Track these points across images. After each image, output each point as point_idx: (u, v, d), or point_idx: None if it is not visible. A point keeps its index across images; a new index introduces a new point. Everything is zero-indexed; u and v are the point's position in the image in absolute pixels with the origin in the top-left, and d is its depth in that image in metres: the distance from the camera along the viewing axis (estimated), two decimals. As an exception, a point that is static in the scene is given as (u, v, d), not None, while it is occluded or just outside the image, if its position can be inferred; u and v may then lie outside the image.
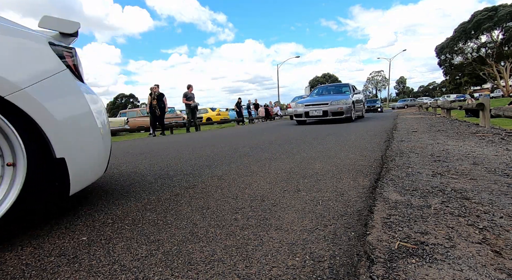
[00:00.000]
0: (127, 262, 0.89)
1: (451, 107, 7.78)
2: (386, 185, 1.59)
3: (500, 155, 2.25)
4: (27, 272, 0.86)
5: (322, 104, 7.97)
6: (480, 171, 1.79)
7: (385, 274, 0.77)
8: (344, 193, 1.48)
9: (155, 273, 0.83)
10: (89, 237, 1.09)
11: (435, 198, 1.34)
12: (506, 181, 1.53)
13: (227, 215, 1.25)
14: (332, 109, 7.68)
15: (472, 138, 3.27)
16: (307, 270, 0.80)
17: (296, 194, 1.50)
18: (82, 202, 1.57)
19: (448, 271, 0.77)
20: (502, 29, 29.19)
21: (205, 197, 1.54)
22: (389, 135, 4.01)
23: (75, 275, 0.84)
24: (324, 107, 7.84)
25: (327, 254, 0.88)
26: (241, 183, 1.80)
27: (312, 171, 2.02)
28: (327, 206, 1.29)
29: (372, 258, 0.85)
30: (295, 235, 1.02)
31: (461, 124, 5.33)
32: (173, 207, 1.40)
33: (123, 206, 1.45)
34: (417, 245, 0.91)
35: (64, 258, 0.94)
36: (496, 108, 4.21)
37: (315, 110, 7.94)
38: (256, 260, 0.87)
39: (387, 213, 1.19)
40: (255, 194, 1.54)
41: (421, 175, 1.76)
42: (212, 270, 0.83)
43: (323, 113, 7.79)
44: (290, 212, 1.25)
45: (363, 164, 2.15)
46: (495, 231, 0.98)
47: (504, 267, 0.77)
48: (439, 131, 4.21)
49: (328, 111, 7.71)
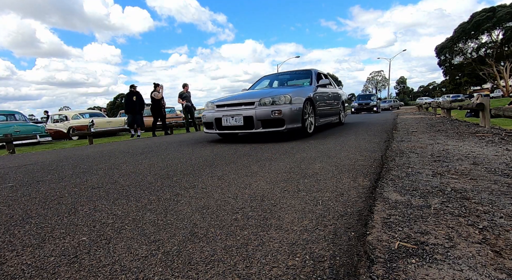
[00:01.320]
0: (127, 262, 0.89)
1: (451, 107, 7.78)
2: (386, 185, 1.59)
3: (500, 155, 2.25)
4: (27, 272, 0.86)
5: (244, 104, 4.20)
6: (480, 171, 1.79)
7: (385, 274, 0.77)
8: (344, 193, 1.48)
9: (155, 273, 0.83)
10: (89, 237, 1.09)
11: (435, 198, 1.34)
12: (506, 181, 1.53)
13: (227, 215, 1.25)
14: (262, 115, 3.96)
15: (472, 139, 3.27)
16: (307, 270, 0.80)
17: (296, 194, 1.50)
18: (82, 201, 1.57)
19: (448, 271, 0.77)
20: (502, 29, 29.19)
21: (205, 197, 1.54)
22: (389, 136, 4.01)
23: (75, 275, 0.84)
24: (247, 111, 4.06)
25: (327, 254, 0.88)
26: (241, 183, 1.80)
27: (312, 171, 2.02)
28: (327, 206, 1.29)
29: (372, 258, 0.85)
30: (295, 235, 1.02)
31: (461, 124, 5.33)
32: (173, 207, 1.40)
33: (123, 206, 1.45)
34: (417, 245, 0.91)
35: (64, 258, 0.94)
36: (496, 108, 4.21)
37: (232, 116, 4.17)
38: (256, 260, 0.87)
39: (387, 213, 1.19)
40: (255, 194, 1.54)
41: (421, 175, 1.76)
42: (212, 270, 0.83)
43: (245, 121, 4.05)
44: (290, 212, 1.25)
45: (363, 164, 2.15)
46: (495, 231, 0.98)
47: (504, 267, 0.77)
48: (439, 132, 4.21)
49: (253, 117, 3.99)
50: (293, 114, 4.02)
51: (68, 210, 1.44)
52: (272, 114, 3.93)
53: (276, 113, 3.92)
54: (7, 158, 4.34)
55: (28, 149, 7.42)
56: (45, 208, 1.50)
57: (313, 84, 5.22)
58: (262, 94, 4.32)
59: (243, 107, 4.18)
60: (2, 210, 1.51)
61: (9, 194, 1.87)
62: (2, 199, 1.74)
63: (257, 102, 4.09)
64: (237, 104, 4.29)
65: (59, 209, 1.46)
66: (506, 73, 31.48)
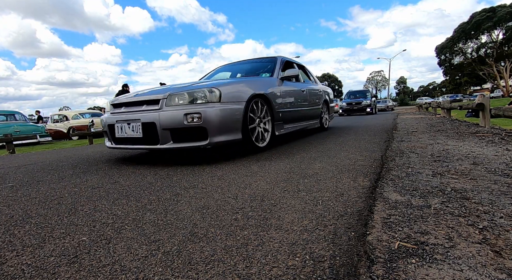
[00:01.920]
0: (127, 262, 0.89)
1: (451, 107, 7.78)
2: (386, 185, 1.59)
3: (500, 155, 2.25)
4: (27, 272, 0.86)
5: (146, 102, 2.67)
6: (480, 171, 1.79)
7: (385, 274, 0.77)
8: (344, 193, 1.48)
9: (155, 273, 0.83)
10: (89, 237, 1.09)
11: (435, 198, 1.34)
12: (506, 181, 1.53)
13: (227, 215, 1.25)
14: (169, 121, 2.43)
15: (472, 139, 3.27)
16: (307, 270, 0.80)
17: (296, 194, 1.50)
18: (82, 201, 1.57)
19: (448, 271, 0.77)
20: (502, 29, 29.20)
21: (205, 197, 1.54)
22: (389, 136, 4.01)
23: (75, 275, 0.84)
24: (148, 114, 2.53)
25: (327, 254, 0.88)
26: (241, 182, 1.80)
27: (312, 171, 2.02)
28: (327, 206, 1.29)
29: (372, 258, 0.85)
30: (295, 235, 1.02)
31: (461, 124, 5.33)
32: (173, 207, 1.40)
33: (123, 206, 1.45)
34: (417, 245, 0.91)
35: (64, 258, 0.94)
36: (496, 108, 4.21)
37: (128, 122, 2.64)
38: (256, 260, 0.87)
39: (387, 213, 1.19)
40: (255, 193, 1.54)
41: (421, 175, 1.76)
42: (212, 270, 0.83)
43: (145, 131, 2.54)
44: (290, 212, 1.25)
45: (363, 164, 2.15)
46: (495, 231, 0.98)
47: (504, 267, 0.77)
48: (439, 132, 4.21)
49: (156, 125, 2.46)
50: (225, 120, 2.48)
51: (68, 210, 1.44)
52: (187, 120, 2.36)
53: (193, 118, 2.36)
54: (7, 158, 4.34)
55: (28, 149, 7.43)
56: (45, 208, 1.50)
57: (276, 76, 3.70)
58: (176, 88, 2.68)
59: (144, 108, 2.60)
60: (2, 210, 1.51)
61: (9, 194, 1.87)
62: (2, 199, 1.74)
63: (164, 100, 2.50)
64: (137, 103, 2.71)
65: (59, 209, 1.46)
66: (506, 73, 31.49)
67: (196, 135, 2.47)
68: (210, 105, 2.46)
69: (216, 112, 2.44)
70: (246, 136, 2.76)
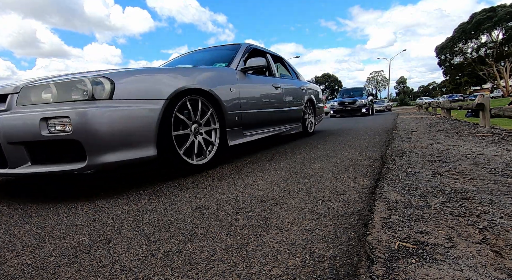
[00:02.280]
0: (128, 262, 0.89)
1: (451, 107, 7.78)
2: (386, 185, 1.59)
3: (500, 155, 2.25)
4: (27, 272, 0.86)
5: None
6: (480, 171, 1.79)
7: (385, 274, 0.77)
8: (344, 193, 1.48)
9: (155, 273, 0.83)
10: (89, 237, 1.09)
11: (435, 198, 1.34)
12: (506, 181, 1.53)
13: (227, 215, 1.25)
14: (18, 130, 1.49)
15: (472, 139, 3.27)
16: (307, 270, 0.80)
17: (296, 194, 1.50)
18: (82, 201, 1.57)
19: (448, 271, 0.77)
20: (502, 29, 29.21)
21: (205, 197, 1.54)
22: (389, 135, 4.01)
23: (75, 275, 0.84)
24: None
25: (327, 254, 0.88)
26: (241, 182, 1.80)
27: (312, 170, 2.02)
28: (327, 206, 1.29)
29: (372, 258, 0.85)
30: (295, 235, 1.02)
31: (461, 124, 5.33)
32: (173, 207, 1.40)
33: (123, 206, 1.45)
34: (417, 245, 0.91)
35: (64, 258, 0.94)
36: (496, 108, 4.21)
37: None
38: (256, 260, 0.87)
39: (387, 213, 1.19)
40: (255, 193, 1.54)
41: (421, 175, 1.76)
42: (212, 270, 0.83)
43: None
44: (290, 212, 1.25)
45: (363, 164, 2.15)
46: (495, 231, 0.98)
47: (504, 267, 0.77)
48: (439, 132, 4.21)
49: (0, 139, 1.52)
50: (120, 127, 1.61)
51: (68, 210, 1.44)
52: (48, 129, 1.50)
53: (55, 126, 1.50)
54: None
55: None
56: (45, 208, 1.50)
57: (234, 66, 2.81)
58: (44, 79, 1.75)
59: None
60: (2, 210, 1.51)
61: (10, 194, 1.87)
62: (3, 198, 1.74)
63: (14, 97, 1.61)
64: None
65: (59, 209, 1.45)
66: (506, 73, 31.50)
67: (67, 153, 1.57)
68: (91, 104, 1.53)
69: (101, 116, 1.52)
70: (168, 151, 1.88)
